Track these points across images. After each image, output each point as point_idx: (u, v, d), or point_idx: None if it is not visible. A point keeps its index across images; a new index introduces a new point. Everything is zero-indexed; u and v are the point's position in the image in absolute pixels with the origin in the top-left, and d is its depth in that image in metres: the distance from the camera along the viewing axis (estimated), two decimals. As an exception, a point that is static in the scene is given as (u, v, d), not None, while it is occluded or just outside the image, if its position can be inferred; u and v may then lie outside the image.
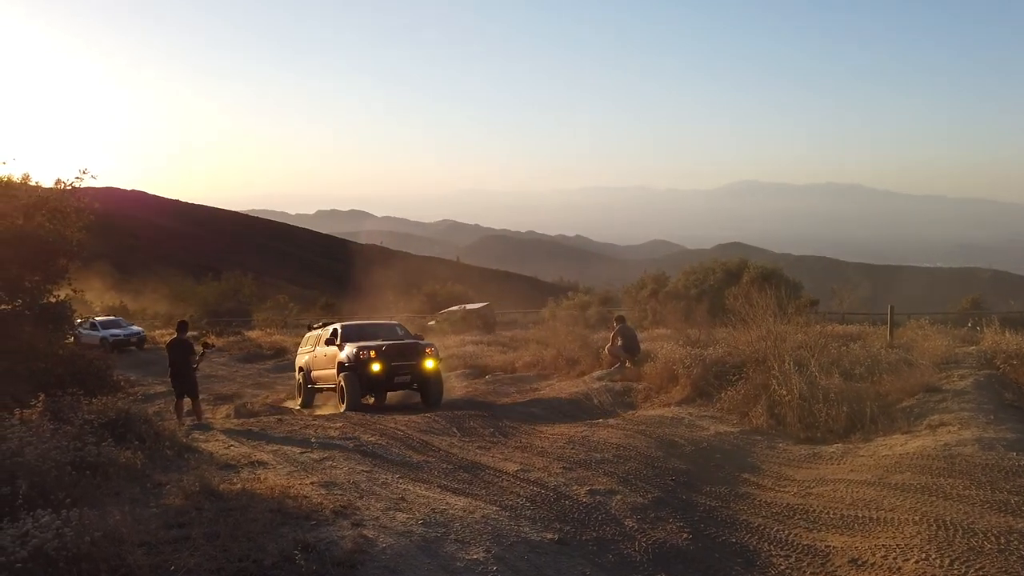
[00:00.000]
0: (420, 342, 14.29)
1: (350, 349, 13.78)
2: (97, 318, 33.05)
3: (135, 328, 32.26)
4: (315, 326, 17.30)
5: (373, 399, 14.20)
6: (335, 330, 15.17)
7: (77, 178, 10.63)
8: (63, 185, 10.83)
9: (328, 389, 15.07)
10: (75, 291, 11.09)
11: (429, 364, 13.64)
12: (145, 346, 30.64)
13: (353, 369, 13.44)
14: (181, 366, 11.97)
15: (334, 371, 14.16)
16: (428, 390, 13.78)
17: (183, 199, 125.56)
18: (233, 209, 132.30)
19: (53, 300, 10.06)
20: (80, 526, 4.25)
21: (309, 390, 15.95)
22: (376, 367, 13.25)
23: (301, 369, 16.54)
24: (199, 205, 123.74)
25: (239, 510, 5.49)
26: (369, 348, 13.54)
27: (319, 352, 15.50)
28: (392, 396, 14.97)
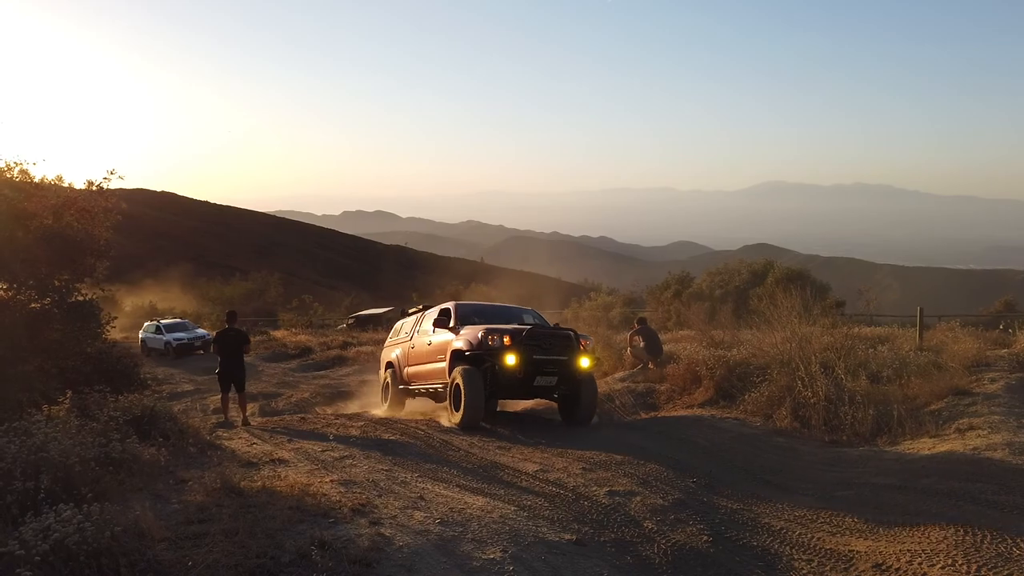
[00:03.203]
0: (571, 331, 10.60)
1: (472, 332, 10.35)
2: (163, 320, 32.24)
3: (200, 331, 30.99)
4: (410, 310, 14.27)
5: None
6: (446, 309, 11.77)
7: (105, 178, 10.79)
8: (91, 185, 11.00)
9: (429, 391, 11.80)
10: (103, 290, 11.25)
11: (584, 362, 10.19)
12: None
13: (476, 361, 10.12)
14: (232, 357, 11.86)
15: (443, 365, 10.88)
16: (577, 400, 10.37)
17: (212, 200, 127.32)
18: (261, 210, 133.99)
19: (81, 299, 10.20)
20: (101, 521, 4.30)
21: (400, 392, 12.91)
22: (511, 359, 9.71)
23: (389, 366, 13.51)
24: (228, 206, 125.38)
25: (259, 507, 5.52)
26: (502, 332, 10.03)
27: (418, 341, 12.29)
28: (507, 404, 12.21)
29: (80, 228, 10.08)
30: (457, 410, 10.00)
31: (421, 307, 13.72)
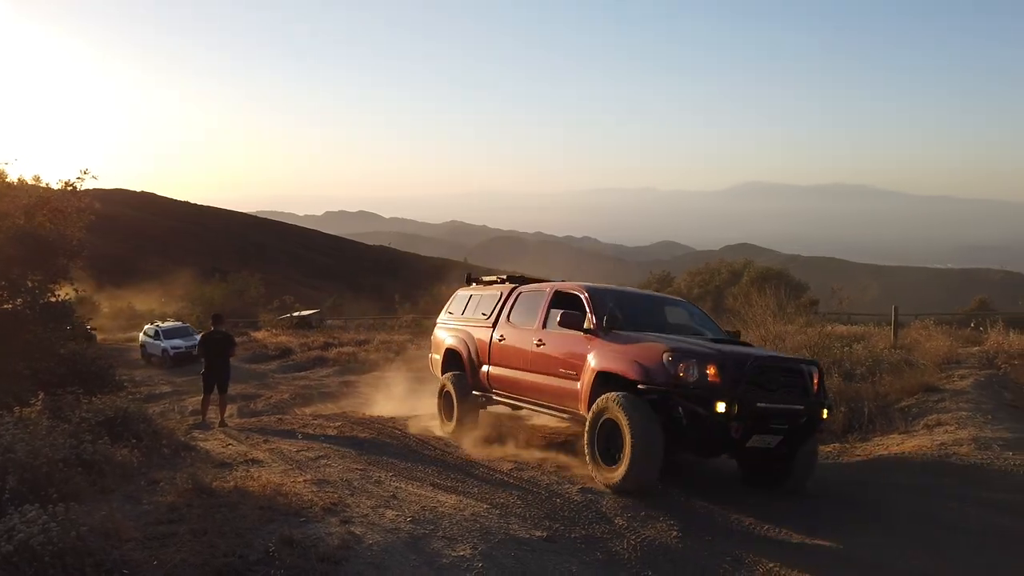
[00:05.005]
0: (813, 363, 6.99)
1: (639, 350, 6.77)
2: (163, 324, 29.56)
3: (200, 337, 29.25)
4: (485, 279, 10.44)
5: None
6: (573, 297, 7.95)
7: (78, 178, 10.72)
8: (67, 186, 10.92)
9: (539, 410, 8.32)
10: (77, 291, 11.17)
11: (823, 412, 6.69)
12: None
13: (658, 402, 6.44)
14: (218, 360, 11.77)
15: (572, 386, 7.42)
16: (795, 460, 6.77)
17: (192, 200, 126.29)
18: (242, 211, 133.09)
19: (54, 300, 10.13)
20: (67, 521, 4.29)
21: (474, 401, 9.31)
22: (722, 406, 6.14)
23: (454, 360, 9.73)
24: (207, 206, 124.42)
25: (229, 507, 5.52)
26: (703, 357, 6.40)
27: (513, 332, 8.70)
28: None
29: (53, 228, 10.01)
30: (606, 462, 6.68)
31: (505, 277, 9.89)
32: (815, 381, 6.67)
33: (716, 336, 7.81)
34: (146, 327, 30.13)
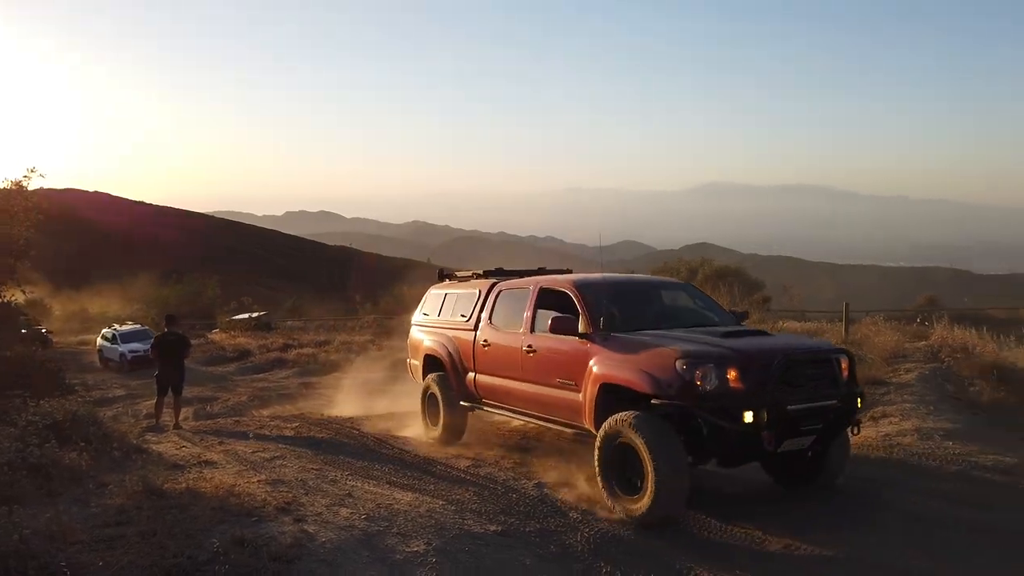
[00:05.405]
0: (843, 351, 6.32)
1: (646, 358, 5.98)
2: (120, 327, 28.13)
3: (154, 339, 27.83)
4: (460, 274, 9.57)
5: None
6: (562, 295, 7.12)
7: (25, 176, 10.46)
8: (16, 185, 10.65)
9: (540, 423, 7.54)
10: (24, 291, 10.90)
11: (858, 401, 6.12)
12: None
13: (675, 416, 5.73)
14: (172, 362, 11.55)
15: (571, 396, 6.66)
16: (828, 458, 6.25)
17: (148, 200, 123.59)
18: (199, 211, 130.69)
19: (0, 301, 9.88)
20: (9, 524, 4.21)
21: (461, 409, 8.60)
22: (749, 415, 5.44)
23: (434, 364, 9.03)
24: (164, 206, 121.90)
25: (180, 508, 5.47)
26: (720, 360, 5.65)
27: (497, 335, 7.90)
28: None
29: (-2, 228, 9.77)
30: (624, 491, 5.84)
31: (481, 273, 9.05)
32: (844, 368, 6.03)
33: (724, 322, 7.15)
34: (104, 331, 29.10)
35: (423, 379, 9.23)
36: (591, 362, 6.40)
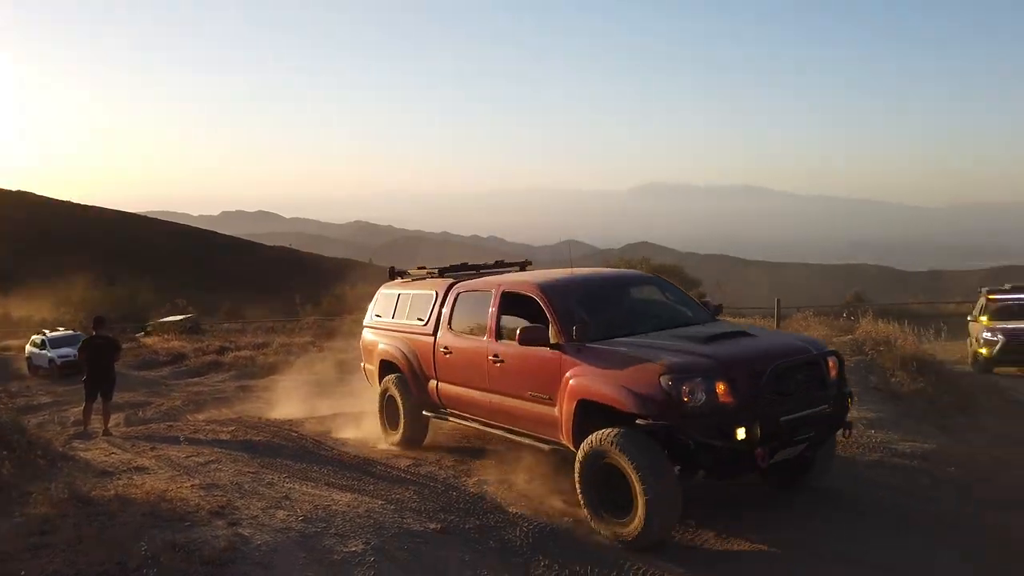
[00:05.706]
0: (833, 353, 6.03)
1: (629, 375, 5.50)
2: (51, 333, 27.28)
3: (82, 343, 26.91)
4: (412, 272, 9.08)
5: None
6: (528, 299, 6.67)
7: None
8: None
9: (512, 436, 6.91)
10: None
11: (848, 402, 5.99)
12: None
13: (660, 429, 5.26)
14: (101, 366, 11.20)
15: (546, 411, 6.26)
16: (814, 459, 6.12)
17: (75, 200, 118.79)
18: (131, 211, 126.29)
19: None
20: (-77, 536, 4.03)
21: (422, 416, 8.17)
22: (742, 431, 5.14)
23: (391, 368, 8.55)
24: (92, 206, 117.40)
25: (108, 515, 5.33)
26: (707, 372, 5.27)
27: (457, 343, 7.43)
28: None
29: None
30: (610, 513, 5.49)
31: (436, 271, 8.58)
32: (831, 368, 5.80)
33: (700, 318, 6.81)
34: (33, 337, 28.00)
35: (379, 382, 8.78)
36: (567, 375, 5.94)
